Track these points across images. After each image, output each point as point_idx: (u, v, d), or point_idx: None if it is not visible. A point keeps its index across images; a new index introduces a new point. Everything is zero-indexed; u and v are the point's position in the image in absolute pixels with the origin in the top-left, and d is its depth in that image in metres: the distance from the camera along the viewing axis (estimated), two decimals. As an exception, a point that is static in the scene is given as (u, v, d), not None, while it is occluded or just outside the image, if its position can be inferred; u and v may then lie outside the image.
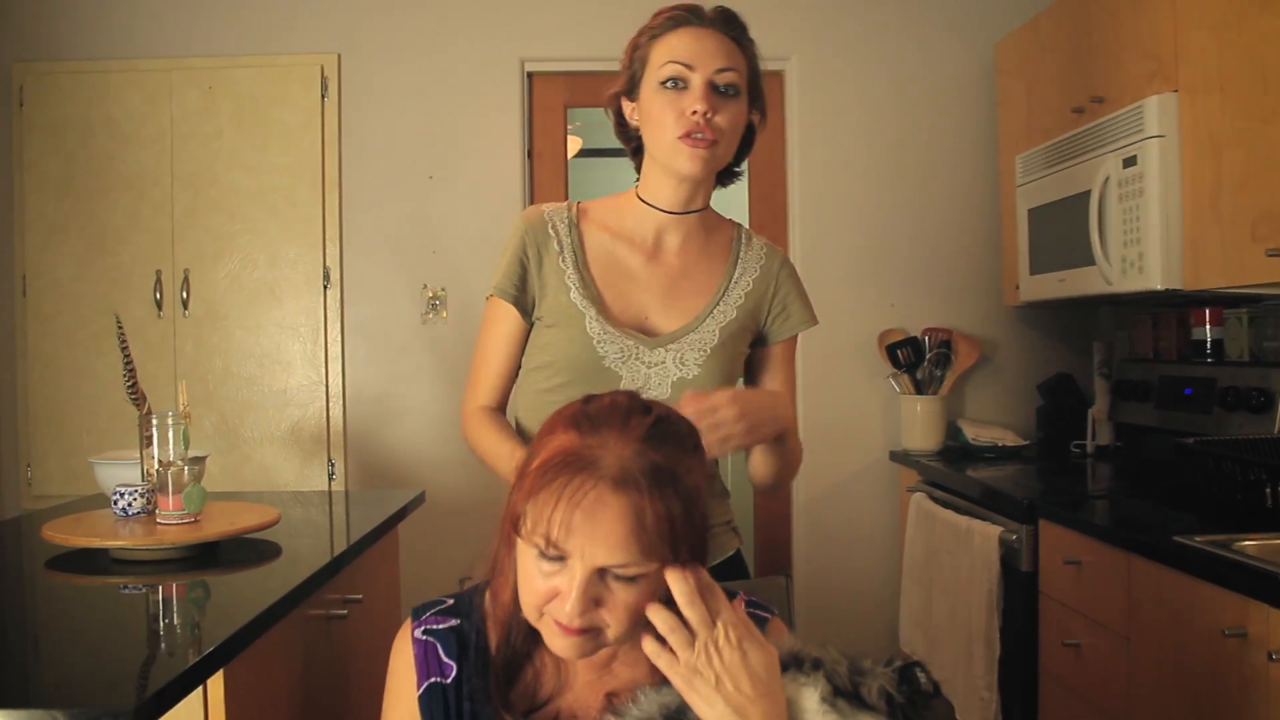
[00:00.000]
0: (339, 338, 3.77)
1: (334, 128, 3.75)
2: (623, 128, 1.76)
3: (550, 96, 3.85)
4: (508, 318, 1.73)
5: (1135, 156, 2.70)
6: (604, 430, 1.16)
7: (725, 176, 1.80)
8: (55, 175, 3.72)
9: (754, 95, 1.71)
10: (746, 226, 1.85)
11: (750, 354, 1.80)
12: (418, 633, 1.29)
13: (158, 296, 3.71)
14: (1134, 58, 2.80)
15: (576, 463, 1.13)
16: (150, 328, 3.70)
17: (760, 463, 1.69)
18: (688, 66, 1.62)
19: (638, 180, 1.77)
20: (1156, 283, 2.66)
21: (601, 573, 1.13)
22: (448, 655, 1.27)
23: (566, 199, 1.87)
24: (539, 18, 3.76)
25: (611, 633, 1.16)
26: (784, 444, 1.64)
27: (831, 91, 3.82)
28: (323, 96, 3.75)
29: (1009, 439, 3.61)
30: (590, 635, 1.15)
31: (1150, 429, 3.30)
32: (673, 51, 1.64)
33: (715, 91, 1.63)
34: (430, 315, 3.77)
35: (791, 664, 1.19)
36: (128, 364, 2.26)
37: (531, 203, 3.79)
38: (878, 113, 3.82)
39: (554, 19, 3.76)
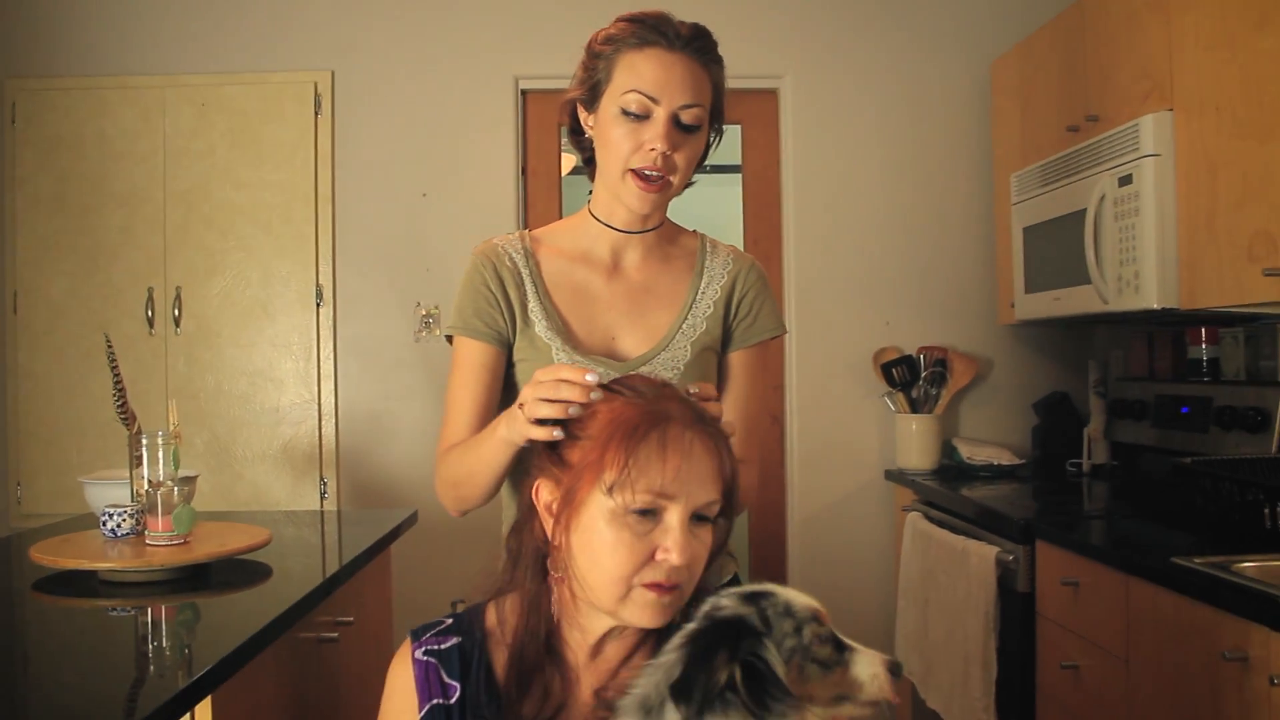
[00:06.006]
0: (331, 355, 3.75)
1: (327, 145, 3.75)
2: (577, 135, 1.68)
3: (544, 114, 3.84)
4: (473, 352, 1.63)
5: (1131, 175, 2.70)
6: (648, 392, 1.24)
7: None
8: (47, 192, 3.71)
9: (715, 117, 1.63)
10: (709, 236, 1.76)
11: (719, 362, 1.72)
12: (418, 654, 1.26)
13: (150, 314, 3.69)
14: (1130, 77, 2.80)
15: (654, 416, 1.19)
16: (142, 345, 3.68)
17: None
18: (652, 100, 1.53)
19: (590, 195, 1.70)
20: (1153, 302, 2.65)
21: (692, 518, 1.18)
22: (450, 676, 1.24)
23: (560, 217, 1.80)
24: (533, 35, 3.76)
25: (688, 587, 1.19)
26: None
27: (826, 110, 3.82)
28: (316, 114, 3.74)
29: (1004, 458, 3.59)
30: (677, 593, 1.18)
31: (1146, 448, 3.29)
32: (638, 79, 1.53)
33: (678, 126, 1.54)
34: (423, 333, 3.75)
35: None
36: (117, 383, 2.25)
37: (525, 220, 3.79)
38: (872, 131, 3.82)
39: (548, 37, 3.76)
